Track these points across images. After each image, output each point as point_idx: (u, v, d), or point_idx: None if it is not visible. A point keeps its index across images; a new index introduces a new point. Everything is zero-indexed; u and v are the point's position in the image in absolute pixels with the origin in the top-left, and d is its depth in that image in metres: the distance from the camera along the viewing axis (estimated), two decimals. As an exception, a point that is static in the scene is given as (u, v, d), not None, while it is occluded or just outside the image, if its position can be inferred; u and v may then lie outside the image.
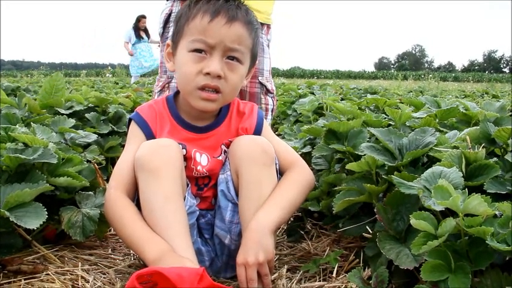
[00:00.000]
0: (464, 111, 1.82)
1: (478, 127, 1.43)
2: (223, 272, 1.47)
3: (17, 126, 1.72)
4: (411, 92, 7.92)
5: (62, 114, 2.28)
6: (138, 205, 1.34)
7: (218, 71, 1.32)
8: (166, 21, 2.01)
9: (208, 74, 1.33)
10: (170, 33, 1.96)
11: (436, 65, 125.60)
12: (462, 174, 1.13)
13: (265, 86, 2.02)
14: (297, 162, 1.48)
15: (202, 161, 1.42)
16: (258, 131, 1.49)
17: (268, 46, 2.07)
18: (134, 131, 1.43)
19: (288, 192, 1.38)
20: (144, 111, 1.46)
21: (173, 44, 1.43)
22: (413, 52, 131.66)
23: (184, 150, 1.38)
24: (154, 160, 1.27)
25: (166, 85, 2.01)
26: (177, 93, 1.50)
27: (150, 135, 1.41)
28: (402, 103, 2.58)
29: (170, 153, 1.30)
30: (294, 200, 1.39)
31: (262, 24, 1.96)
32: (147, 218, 1.28)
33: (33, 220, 1.23)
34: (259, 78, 2.00)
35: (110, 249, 1.71)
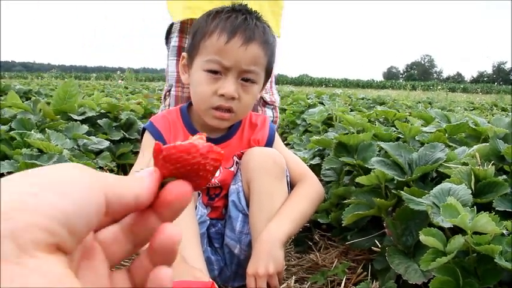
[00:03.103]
0: (473, 126, 1.83)
1: (488, 144, 1.44)
2: (232, 282, 1.49)
3: (32, 131, 1.75)
4: (420, 102, 7.91)
5: (75, 120, 2.32)
6: None
7: (233, 93, 1.34)
8: (169, 32, 2.03)
9: (222, 95, 1.34)
10: (173, 44, 1.99)
11: (445, 75, 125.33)
12: (471, 191, 1.14)
13: (263, 98, 2.03)
14: (307, 175, 1.50)
15: None
16: (269, 143, 1.51)
17: None
18: (148, 140, 1.46)
19: (298, 204, 1.40)
20: (158, 121, 1.48)
21: (189, 58, 1.44)
22: (422, 62, 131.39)
23: None
24: None
25: (167, 93, 2.04)
26: (190, 103, 1.52)
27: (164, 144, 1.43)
28: (410, 115, 2.60)
29: None
30: (304, 212, 1.41)
31: None
32: None
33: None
34: None
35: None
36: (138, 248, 0.42)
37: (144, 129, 1.49)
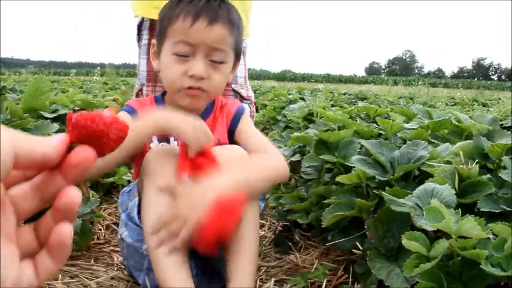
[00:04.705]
0: (456, 123, 1.79)
1: (471, 141, 1.40)
2: (209, 284, 1.43)
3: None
4: (401, 98, 7.93)
5: (46, 118, 2.22)
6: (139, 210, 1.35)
7: (202, 73, 1.34)
8: (139, 29, 1.96)
9: (192, 76, 1.34)
10: (143, 42, 1.93)
11: (426, 70, 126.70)
12: (455, 192, 1.09)
13: (239, 93, 1.99)
14: (270, 150, 1.41)
15: None
16: (238, 115, 1.49)
17: (243, 54, 2.03)
18: (122, 115, 1.42)
19: (253, 164, 1.33)
20: (132, 102, 1.50)
21: (158, 45, 1.44)
22: (404, 58, 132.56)
23: (176, 142, 1.41)
24: (161, 166, 1.27)
25: (140, 92, 1.98)
26: (164, 93, 1.53)
27: None
28: (392, 111, 2.56)
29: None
30: (259, 174, 1.30)
31: None
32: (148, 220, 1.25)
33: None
34: (233, 85, 1.96)
35: (92, 260, 1.66)
36: (45, 205, 0.46)
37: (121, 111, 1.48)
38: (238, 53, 1.47)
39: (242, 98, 1.94)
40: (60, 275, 1.44)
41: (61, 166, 0.44)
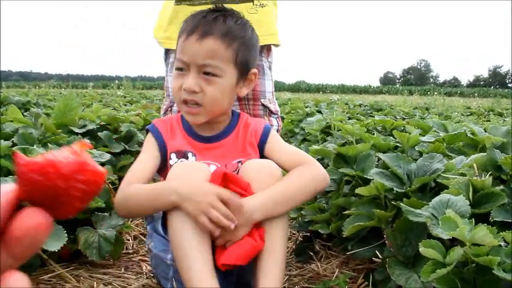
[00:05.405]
0: (471, 135, 1.85)
1: (485, 154, 1.46)
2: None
3: (35, 146, 1.76)
4: (416, 108, 7.95)
5: (76, 133, 2.33)
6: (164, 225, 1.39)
7: (191, 87, 1.39)
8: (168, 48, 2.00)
9: (185, 89, 1.40)
10: (171, 60, 1.97)
11: (441, 79, 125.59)
12: (469, 202, 1.16)
13: (268, 108, 2.04)
14: (307, 161, 1.45)
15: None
16: (265, 133, 1.52)
17: (269, 68, 2.07)
18: (148, 140, 1.50)
19: (286, 184, 1.37)
20: (159, 122, 1.54)
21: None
22: (419, 67, 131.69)
23: (193, 158, 1.44)
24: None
25: (169, 109, 2.03)
26: None
27: (162, 145, 1.47)
28: (408, 124, 2.63)
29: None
30: (292, 191, 1.36)
31: (262, 46, 1.94)
32: (175, 240, 1.30)
33: (54, 242, 1.28)
34: (262, 100, 2.01)
35: (123, 268, 1.75)
36: None
37: (147, 130, 1.52)
38: (242, 66, 1.46)
39: (271, 113, 2.00)
40: (94, 283, 1.53)
41: (4, 236, 0.32)
